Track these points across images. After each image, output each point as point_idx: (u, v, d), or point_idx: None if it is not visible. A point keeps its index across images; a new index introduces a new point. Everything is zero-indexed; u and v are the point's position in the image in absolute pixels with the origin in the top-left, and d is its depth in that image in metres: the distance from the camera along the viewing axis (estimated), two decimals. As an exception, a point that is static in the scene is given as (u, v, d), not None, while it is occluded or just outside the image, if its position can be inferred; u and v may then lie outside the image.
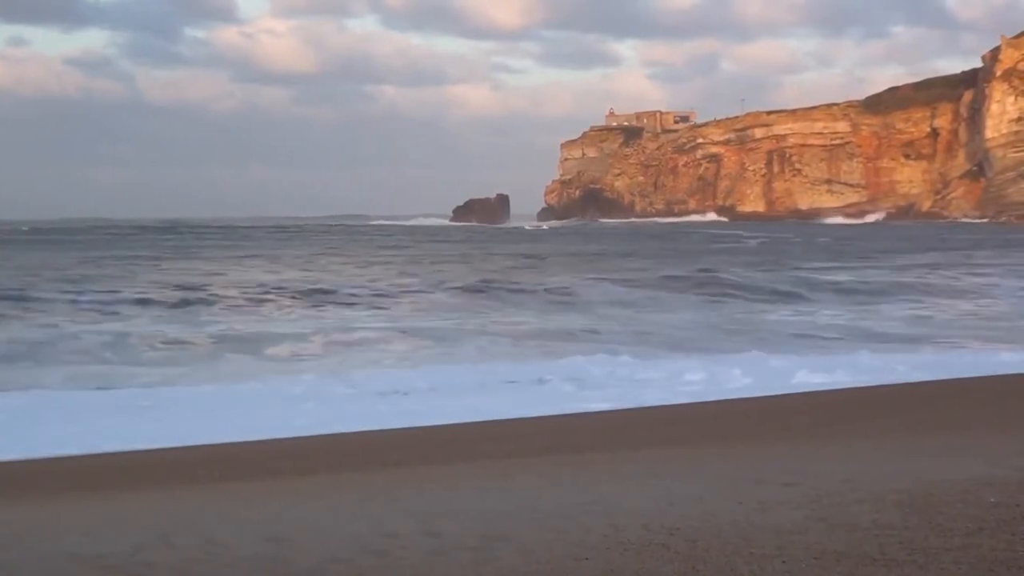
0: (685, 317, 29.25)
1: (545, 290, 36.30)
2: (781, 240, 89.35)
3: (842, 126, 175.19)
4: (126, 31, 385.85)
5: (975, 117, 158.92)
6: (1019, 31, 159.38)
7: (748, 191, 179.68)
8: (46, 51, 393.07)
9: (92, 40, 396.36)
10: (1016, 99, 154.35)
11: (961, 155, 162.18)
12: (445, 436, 13.10)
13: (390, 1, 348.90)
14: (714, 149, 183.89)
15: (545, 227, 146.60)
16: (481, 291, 36.15)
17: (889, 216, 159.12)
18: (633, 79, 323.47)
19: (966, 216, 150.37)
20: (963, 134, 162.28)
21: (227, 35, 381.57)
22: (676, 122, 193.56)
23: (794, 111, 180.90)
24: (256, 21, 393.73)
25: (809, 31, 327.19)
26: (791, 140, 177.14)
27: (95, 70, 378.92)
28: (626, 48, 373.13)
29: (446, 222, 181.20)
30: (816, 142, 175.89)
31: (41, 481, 10.57)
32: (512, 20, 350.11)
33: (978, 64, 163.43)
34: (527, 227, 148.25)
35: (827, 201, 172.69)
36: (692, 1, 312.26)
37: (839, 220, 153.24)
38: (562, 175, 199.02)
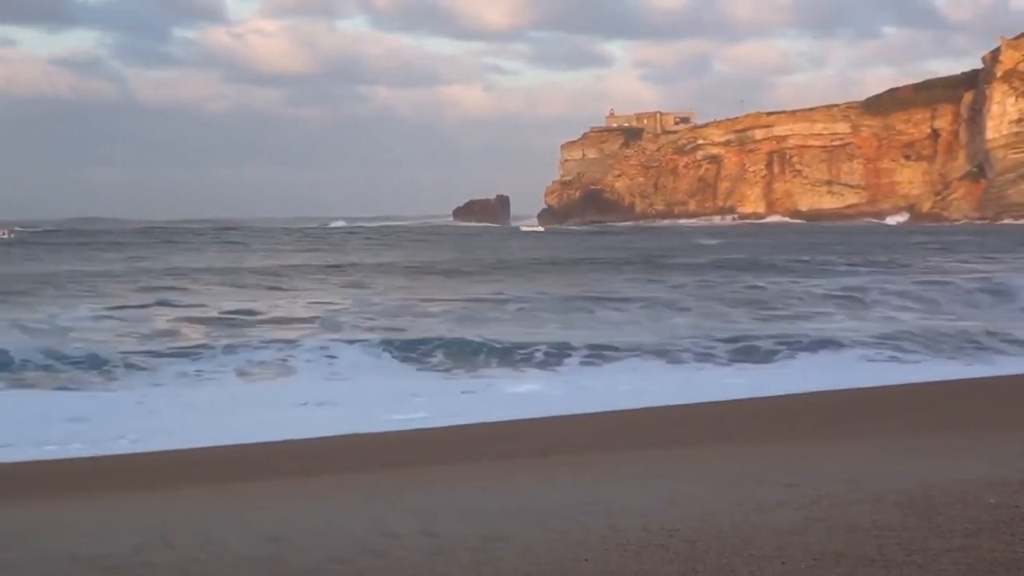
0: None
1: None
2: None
3: (842, 127, 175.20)
4: (115, 31, 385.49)
5: (975, 118, 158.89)
6: (1015, 32, 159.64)
7: (748, 192, 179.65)
8: (36, 51, 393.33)
9: (81, 40, 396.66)
10: (1016, 100, 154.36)
11: (961, 156, 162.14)
12: (446, 437, 13.11)
13: (378, 1, 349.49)
14: (714, 150, 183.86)
15: (542, 229, 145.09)
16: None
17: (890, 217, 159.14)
18: (626, 80, 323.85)
19: (965, 217, 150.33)
20: (963, 135, 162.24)
21: (217, 35, 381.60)
22: (676, 123, 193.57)
23: (794, 112, 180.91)
24: (246, 22, 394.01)
25: (800, 31, 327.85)
26: (791, 141, 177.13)
27: (86, 70, 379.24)
28: (616, 49, 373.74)
29: (449, 221, 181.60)
30: (816, 143, 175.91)
31: (43, 482, 10.58)
32: (500, 21, 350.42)
33: (971, 65, 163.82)
34: (523, 228, 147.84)
35: (827, 202, 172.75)
36: (680, 2, 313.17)
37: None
38: (562, 176, 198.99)
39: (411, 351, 21.11)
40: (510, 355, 20.77)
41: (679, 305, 30.05)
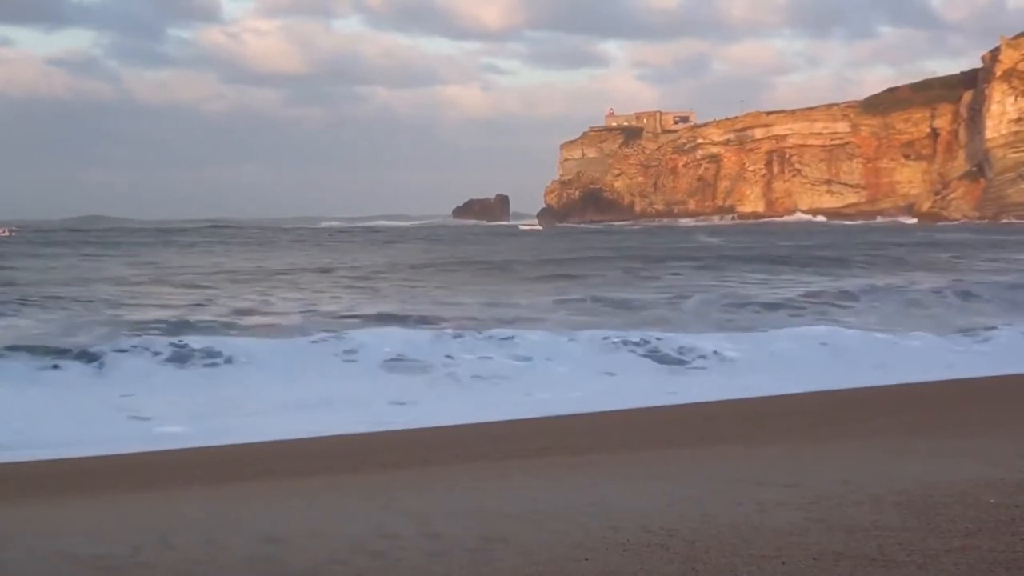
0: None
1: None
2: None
3: (842, 127, 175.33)
4: (110, 31, 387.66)
5: (975, 118, 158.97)
6: (1011, 32, 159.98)
7: (748, 191, 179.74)
8: (33, 51, 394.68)
9: (77, 40, 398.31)
10: (1016, 99, 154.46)
11: (961, 156, 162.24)
12: (443, 437, 13.10)
13: (372, 1, 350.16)
14: (714, 149, 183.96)
15: (540, 228, 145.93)
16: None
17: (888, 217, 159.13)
18: (624, 80, 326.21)
19: (964, 216, 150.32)
20: (963, 135, 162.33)
21: (212, 35, 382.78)
22: (676, 123, 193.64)
23: (793, 111, 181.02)
24: (240, 21, 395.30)
25: (796, 31, 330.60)
26: (791, 140, 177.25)
27: (83, 70, 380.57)
28: (613, 48, 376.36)
29: (448, 221, 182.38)
30: (816, 142, 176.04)
31: (41, 482, 10.56)
32: (494, 20, 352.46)
33: (967, 64, 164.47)
34: (521, 226, 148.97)
35: (827, 202, 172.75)
36: (675, 2, 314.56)
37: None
38: (562, 175, 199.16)
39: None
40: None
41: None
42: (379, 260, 57.77)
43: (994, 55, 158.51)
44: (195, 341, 19.61)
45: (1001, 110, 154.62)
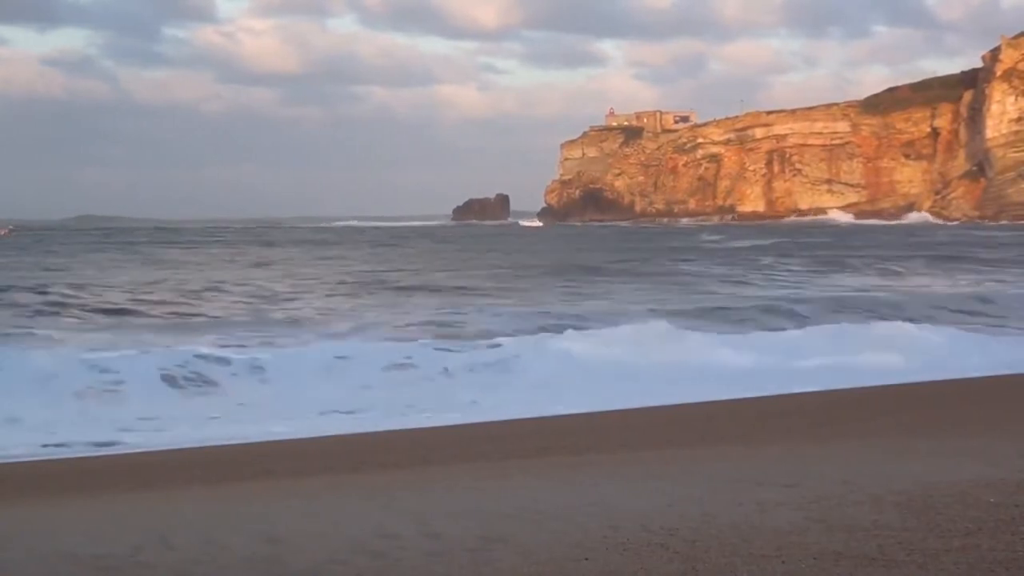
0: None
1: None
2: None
3: (842, 126, 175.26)
4: (105, 30, 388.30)
5: (975, 117, 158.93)
6: (1007, 31, 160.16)
7: (748, 191, 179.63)
8: (28, 51, 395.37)
9: (72, 40, 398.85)
10: (1016, 99, 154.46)
11: (961, 155, 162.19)
12: (443, 437, 13.10)
13: (367, 0, 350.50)
14: (714, 149, 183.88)
15: (540, 224, 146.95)
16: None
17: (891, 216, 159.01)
18: (622, 79, 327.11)
19: (965, 216, 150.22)
20: (963, 134, 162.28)
21: (207, 35, 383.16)
22: (676, 122, 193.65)
23: (793, 111, 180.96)
24: (235, 20, 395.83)
25: (791, 31, 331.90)
26: (791, 140, 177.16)
27: (78, 70, 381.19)
28: (610, 48, 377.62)
29: (448, 221, 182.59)
30: (816, 142, 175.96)
31: (41, 482, 10.57)
32: (491, 20, 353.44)
33: (963, 64, 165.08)
34: (522, 223, 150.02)
35: (827, 201, 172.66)
36: (669, 1, 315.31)
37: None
38: (562, 175, 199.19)
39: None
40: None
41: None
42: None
43: (994, 55, 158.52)
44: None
45: (1001, 109, 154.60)
